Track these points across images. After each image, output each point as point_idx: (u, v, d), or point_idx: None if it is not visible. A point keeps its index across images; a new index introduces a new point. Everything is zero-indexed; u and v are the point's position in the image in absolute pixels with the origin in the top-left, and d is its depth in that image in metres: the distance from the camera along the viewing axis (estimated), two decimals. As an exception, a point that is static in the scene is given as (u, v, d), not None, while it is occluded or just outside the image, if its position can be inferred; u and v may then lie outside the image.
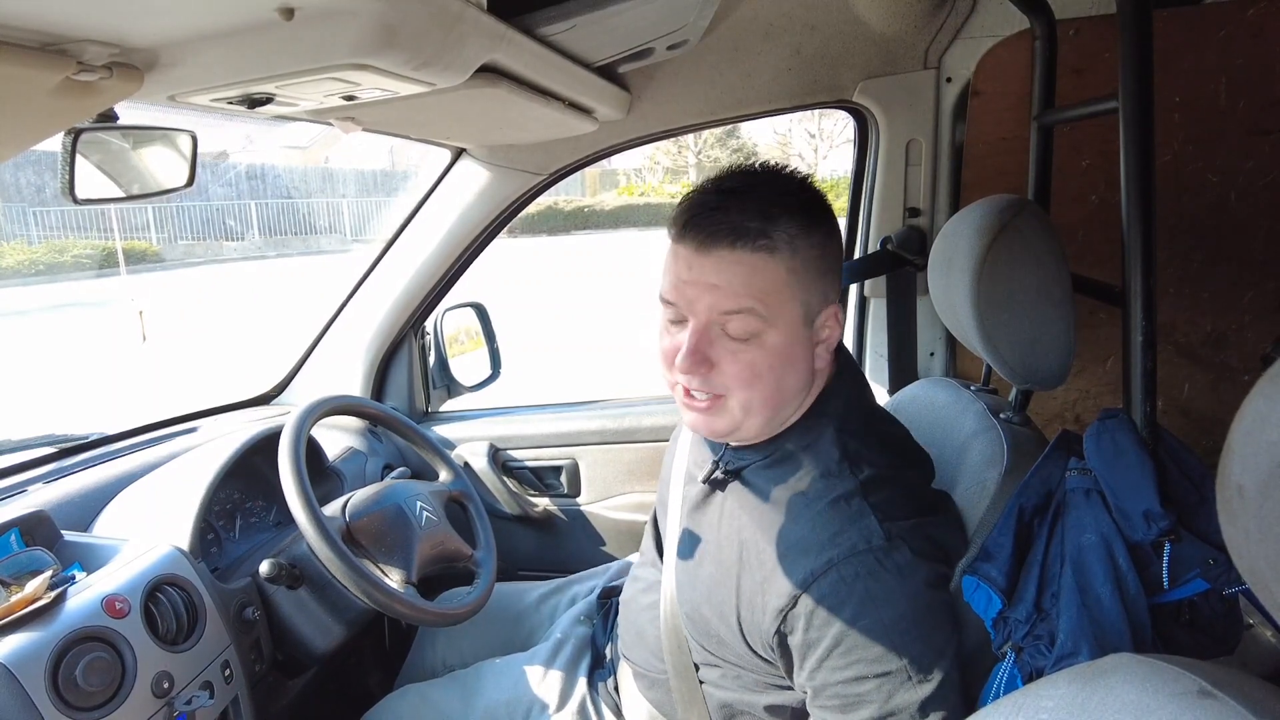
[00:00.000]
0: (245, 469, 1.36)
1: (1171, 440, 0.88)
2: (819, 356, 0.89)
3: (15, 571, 0.99)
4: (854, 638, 0.79)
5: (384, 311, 1.83)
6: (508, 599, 1.51)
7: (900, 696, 0.79)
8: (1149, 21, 0.91)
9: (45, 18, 0.60)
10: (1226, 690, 0.49)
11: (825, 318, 0.88)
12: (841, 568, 0.81)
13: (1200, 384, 1.49)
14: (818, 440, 0.90)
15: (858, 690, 0.80)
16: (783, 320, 0.83)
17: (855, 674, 0.80)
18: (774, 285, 0.82)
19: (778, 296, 0.83)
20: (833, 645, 0.81)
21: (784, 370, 0.85)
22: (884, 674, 0.79)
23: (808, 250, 0.84)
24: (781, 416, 0.90)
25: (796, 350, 0.86)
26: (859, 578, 0.80)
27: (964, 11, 1.43)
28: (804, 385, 0.90)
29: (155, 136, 1.09)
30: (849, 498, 0.84)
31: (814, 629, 0.81)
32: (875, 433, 0.93)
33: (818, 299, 0.86)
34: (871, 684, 0.80)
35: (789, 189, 0.86)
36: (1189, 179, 1.41)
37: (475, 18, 0.88)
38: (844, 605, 0.80)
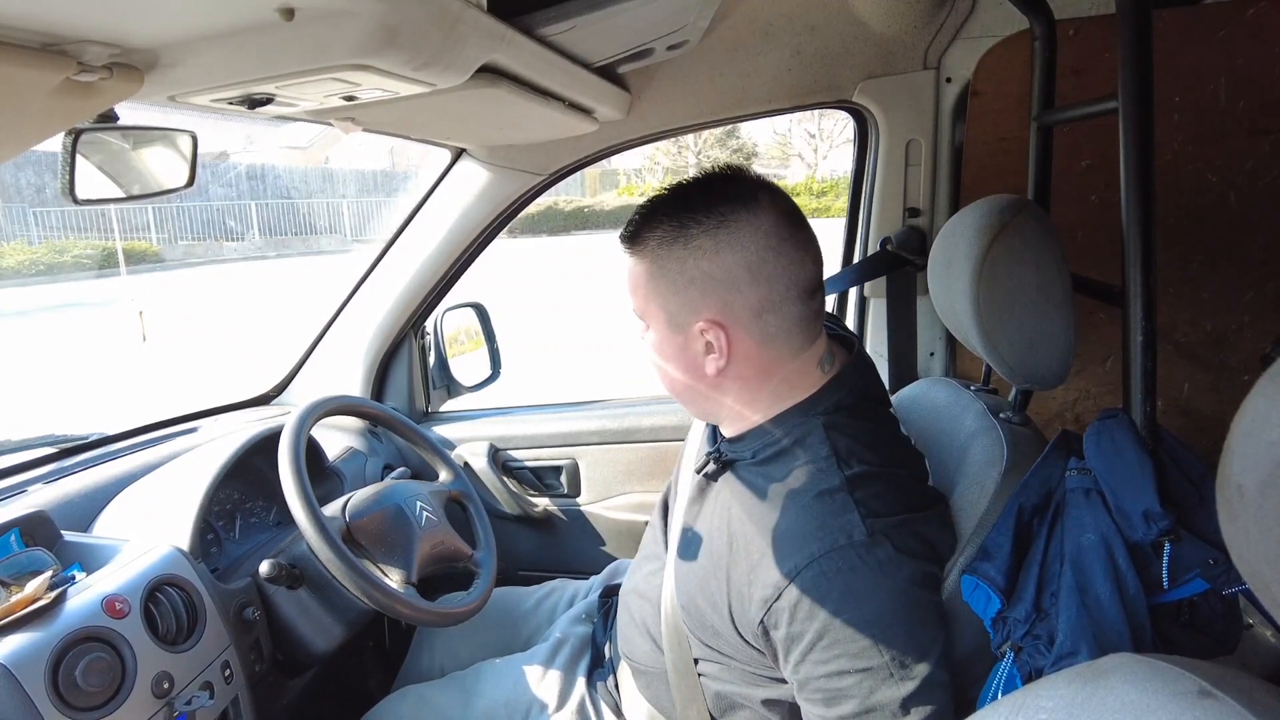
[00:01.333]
0: (245, 469, 1.37)
1: (1171, 440, 0.88)
2: (709, 364, 0.90)
3: (15, 572, 0.99)
4: (835, 632, 0.80)
5: (384, 312, 1.83)
6: (506, 601, 1.51)
7: (882, 692, 0.79)
8: (1148, 21, 0.91)
9: (45, 18, 0.60)
10: (1227, 690, 0.49)
11: (698, 330, 0.88)
12: (823, 562, 0.81)
13: (1200, 384, 1.49)
14: (808, 435, 0.91)
15: (839, 685, 0.81)
16: (651, 319, 0.93)
17: (837, 668, 0.81)
18: (635, 288, 0.92)
19: (639, 296, 0.92)
20: (815, 639, 0.81)
21: (665, 360, 0.94)
22: (865, 669, 0.80)
23: (673, 260, 0.88)
24: (699, 405, 0.97)
25: (668, 350, 0.92)
26: (840, 572, 0.81)
27: (963, 12, 1.43)
28: (698, 384, 0.93)
29: (155, 137, 1.09)
30: (834, 492, 0.85)
31: (797, 623, 0.82)
32: (868, 431, 0.92)
33: (681, 309, 0.89)
34: (853, 679, 0.80)
35: (684, 192, 0.90)
36: (1189, 179, 1.41)
37: (475, 18, 0.88)
38: (826, 600, 0.81)
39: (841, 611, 0.80)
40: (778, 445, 0.92)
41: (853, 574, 0.81)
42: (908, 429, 1.27)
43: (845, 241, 1.74)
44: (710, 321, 0.87)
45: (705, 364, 0.90)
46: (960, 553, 0.93)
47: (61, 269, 14.73)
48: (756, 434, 0.95)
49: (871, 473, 0.87)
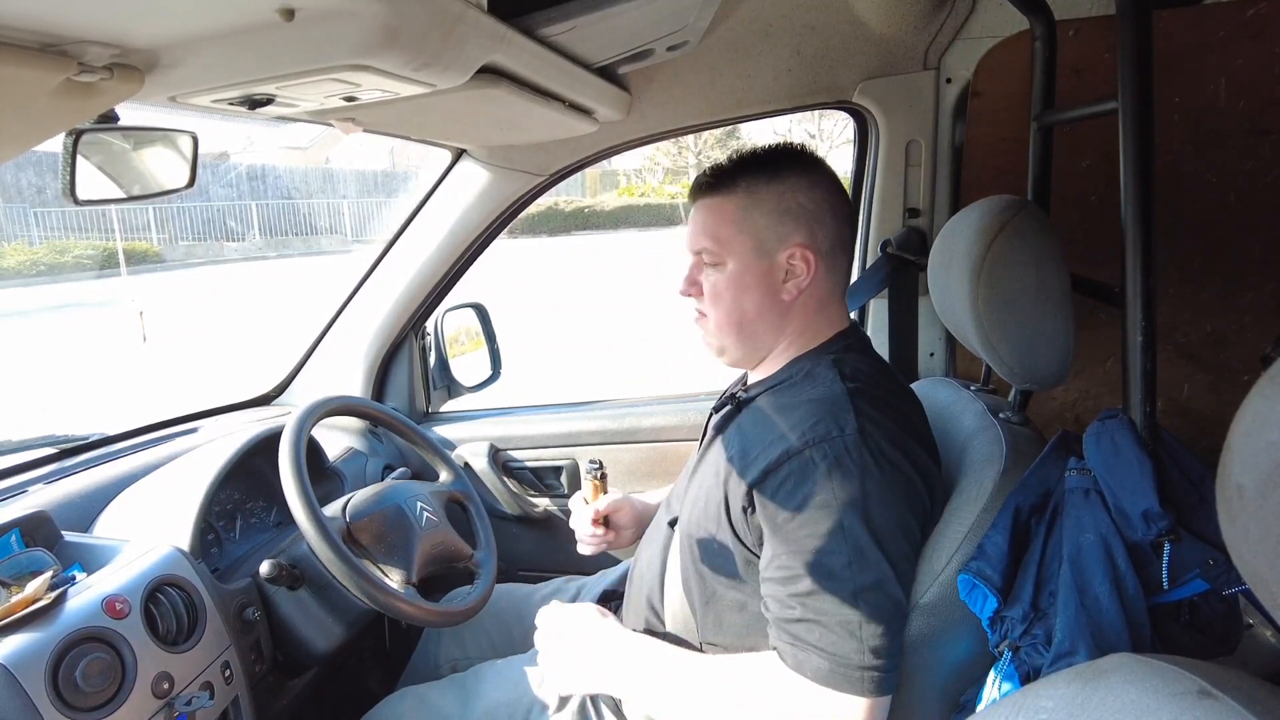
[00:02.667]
0: (246, 469, 1.37)
1: (1171, 440, 0.88)
2: (786, 290, 1.02)
3: (15, 572, 0.99)
4: (809, 513, 0.87)
5: (384, 312, 1.83)
6: (512, 598, 1.51)
7: (835, 579, 0.85)
8: (1149, 22, 0.91)
9: (46, 19, 0.60)
10: (1226, 690, 0.49)
11: (787, 255, 1.00)
12: (815, 449, 0.89)
13: (1200, 384, 1.49)
14: (817, 367, 1.00)
15: (798, 564, 0.87)
16: (734, 251, 1.01)
17: (799, 547, 0.87)
18: (723, 222, 1.02)
19: (726, 231, 1.01)
20: (790, 516, 0.88)
21: (740, 292, 1.02)
22: (826, 551, 0.86)
23: (765, 192, 1.00)
24: (753, 339, 1.05)
25: (749, 278, 1.01)
26: (825, 459, 0.88)
27: (963, 12, 1.43)
28: (767, 313, 1.03)
29: (156, 137, 1.09)
30: (835, 397, 0.93)
31: (780, 497, 0.90)
32: (871, 367, 1.01)
33: (772, 235, 1.00)
34: (813, 558, 0.87)
35: (757, 153, 1.04)
36: (1189, 180, 1.41)
37: (476, 19, 0.88)
38: (807, 481, 0.88)
39: (817, 494, 0.87)
40: (789, 378, 1.02)
41: (837, 463, 0.87)
42: None
43: (845, 242, 1.74)
44: (800, 245, 1.00)
45: (784, 289, 1.01)
46: (957, 550, 0.93)
47: (62, 269, 14.74)
48: (773, 378, 1.05)
49: (871, 392, 0.95)
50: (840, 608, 0.86)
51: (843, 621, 0.85)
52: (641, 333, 8.47)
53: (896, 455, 0.90)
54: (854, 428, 0.89)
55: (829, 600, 0.86)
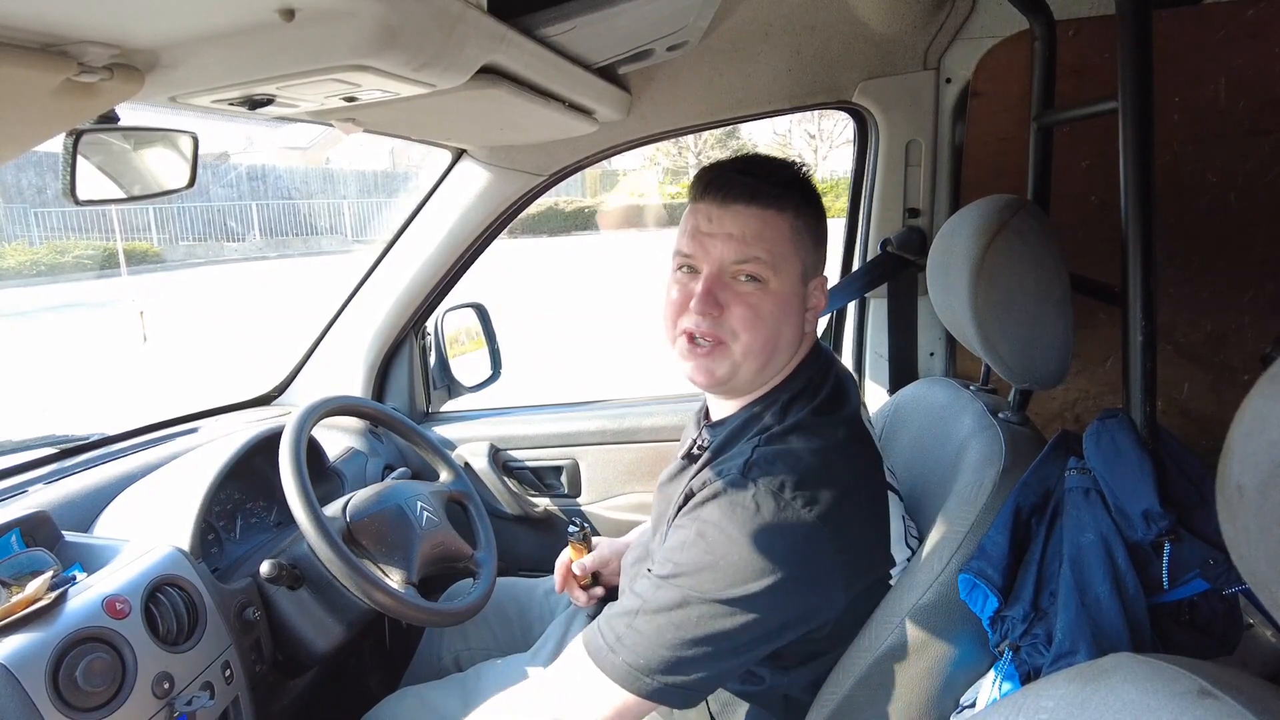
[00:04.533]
0: (246, 469, 1.37)
1: (1171, 440, 0.88)
2: (808, 321, 1.00)
3: (16, 572, 0.99)
4: (675, 530, 0.92)
5: (385, 312, 1.83)
6: (515, 593, 1.52)
7: (662, 574, 0.88)
8: (1148, 22, 0.91)
9: (46, 19, 0.60)
10: (1227, 690, 0.49)
11: (815, 285, 0.99)
12: (709, 485, 0.90)
13: (1200, 384, 1.49)
14: (770, 409, 0.98)
15: (662, 554, 0.91)
16: (784, 272, 0.94)
17: (662, 553, 0.91)
18: (780, 239, 0.94)
19: (782, 249, 0.94)
20: (672, 529, 0.93)
21: (782, 318, 0.95)
22: (667, 561, 0.89)
23: (808, 217, 0.97)
24: (771, 369, 0.99)
25: (793, 304, 0.96)
26: (711, 492, 0.89)
27: (963, 12, 1.43)
28: (794, 341, 0.99)
29: (156, 138, 1.09)
30: (747, 440, 0.94)
31: (676, 522, 0.94)
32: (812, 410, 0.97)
33: (811, 263, 0.98)
34: (662, 555, 0.90)
35: (795, 169, 0.99)
36: (1188, 179, 1.40)
37: (476, 19, 0.88)
38: (691, 506, 0.91)
39: (688, 515, 0.91)
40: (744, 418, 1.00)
41: (713, 496, 0.89)
42: (907, 428, 1.27)
43: (845, 242, 1.74)
44: (822, 276, 1.00)
45: (806, 319, 1.00)
46: (957, 550, 0.93)
47: (63, 269, 14.75)
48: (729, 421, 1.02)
49: (786, 441, 0.92)
50: (643, 590, 0.89)
51: (635, 595, 0.89)
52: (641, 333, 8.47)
53: (775, 503, 0.86)
54: (739, 469, 0.89)
55: (640, 584, 0.90)
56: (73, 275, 14.59)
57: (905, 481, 1.18)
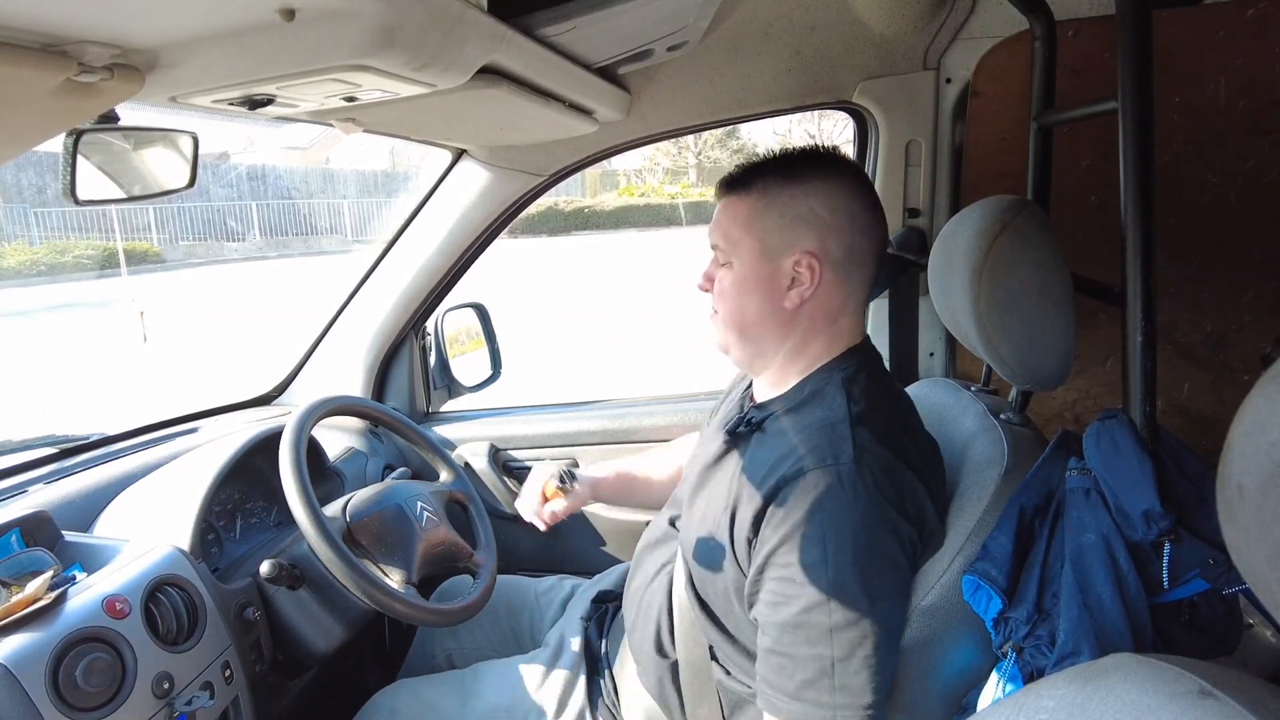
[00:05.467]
0: (246, 469, 1.37)
1: (1171, 440, 0.88)
2: (789, 298, 0.98)
3: (16, 572, 0.99)
4: (796, 540, 0.86)
5: (385, 312, 1.83)
6: (511, 592, 1.52)
7: (815, 611, 0.84)
8: (1148, 22, 0.91)
9: (46, 19, 0.60)
10: (1227, 690, 0.49)
11: (792, 261, 0.97)
12: (809, 476, 0.88)
13: (1200, 384, 1.49)
14: (825, 387, 0.98)
15: (786, 591, 0.86)
16: (740, 252, 1.00)
17: (788, 574, 0.86)
18: (734, 222, 1.00)
19: (736, 232, 1.00)
20: (780, 542, 0.87)
21: (742, 294, 1.00)
22: (808, 582, 0.85)
23: (778, 195, 0.98)
24: (754, 343, 1.02)
25: (751, 281, 1.00)
26: (818, 487, 0.86)
27: (963, 12, 1.43)
28: (768, 318, 1.00)
29: (156, 137, 1.09)
30: (836, 424, 0.92)
31: (773, 525, 0.89)
32: (882, 393, 0.98)
33: (781, 241, 0.98)
34: (796, 588, 0.85)
35: (790, 151, 1.01)
36: (1188, 179, 1.40)
37: (476, 19, 0.88)
38: (799, 507, 0.87)
39: (807, 521, 0.86)
40: (797, 398, 1.00)
41: (828, 492, 0.86)
42: None
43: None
44: (807, 253, 0.97)
45: (787, 296, 0.99)
46: (959, 551, 0.93)
47: (63, 269, 14.73)
48: (784, 398, 1.02)
49: (876, 421, 0.92)
50: (812, 645, 0.85)
51: (814, 656, 0.85)
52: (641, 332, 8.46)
53: (891, 491, 0.87)
54: (849, 457, 0.87)
55: (802, 635, 0.85)
56: (73, 275, 14.58)
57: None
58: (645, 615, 1.13)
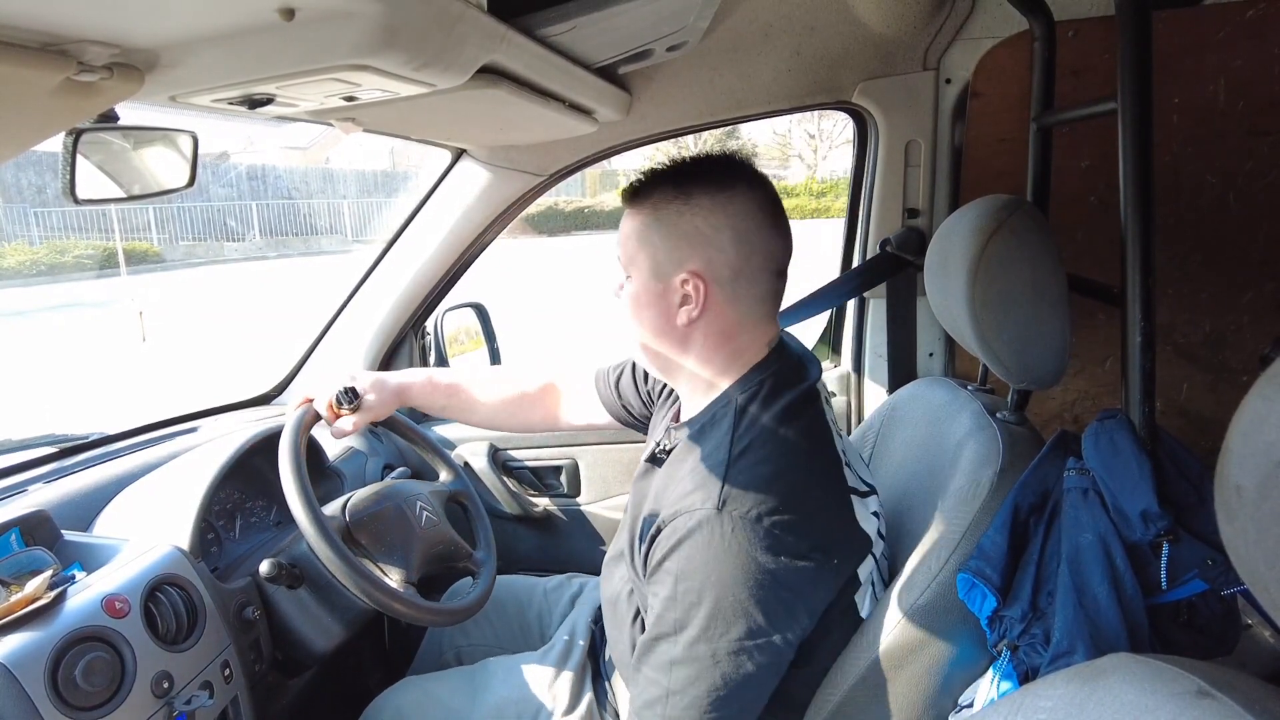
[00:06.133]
0: (245, 469, 1.36)
1: (1170, 440, 0.88)
2: (679, 315, 0.96)
3: (15, 571, 0.99)
4: (660, 573, 0.90)
5: (385, 311, 1.83)
6: (519, 589, 1.52)
7: (661, 644, 0.89)
8: (1148, 23, 0.91)
9: (46, 18, 0.60)
10: (1225, 691, 0.49)
11: (680, 281, 0.95)
12: (680, 518, 0.89)
13: (1198, 385, 1.49)
14: (725, 411, 0.97)
15: (649, 617, 0.92)
16: (634, 268, 0.98)
17: (651, 604, 0.91)
18: (627, 239, 0.99)
19: (630, 246, 0.98)
20: (650, 572, 0.92)
21: (637, 310, 0.99)
22: (660, 615, 0.89)
23: (667, 211, 0.95)
24: (657, 358, 1.02)
25: (643, 298, 0.98)
26: (682, 528, 0.88)
27: (963, 13, 1.43)
28: (664, 335, 0.99)
29: (156, 137, 1.09)
30: (714, 465, 0.91)
31: (654, 559, 0.92)
32: (771, 420, 0.95)
33: (669, 259, 0.95)
34: (654, 616, 0.90)
35: (689, 163, 0.98)
36: (1188, 180, 1.41)
37: (475, 19, 0.88)
38: (670, 543, 0.89)
39: (669, 558, 0.89)
40: (701, 423, 0.99)
41: (688, 535, 0.87)
42: (904, 427, 1.27)
43: (845, 242, 1.74)
44: (692, 273, 0.94)
45: (678, 315, 0.97)
46: (955, 549, 0.93)
47: (63, 269, 14.71)
48: (692, 422, 1.01)
49: (755, 456, 0.91)
50: (655, 670, 0.89)
51: (655, 681, 0.89)
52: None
53: (753, 537, 0.85)
54: (714, 504, 0.86)
55: (651, 659, 0.90)
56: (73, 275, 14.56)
57: (902, 480, 1.18)
58: (620, 629, 1.13)
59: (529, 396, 1.42)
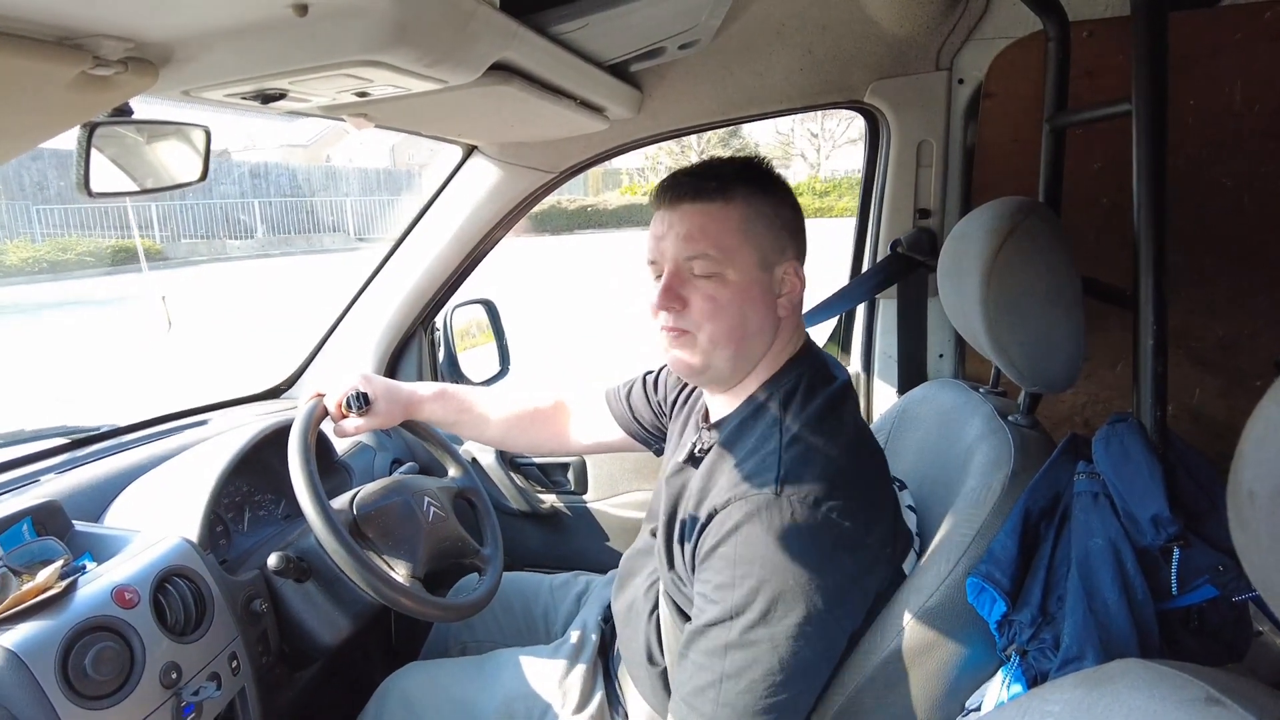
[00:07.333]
0: (254, 462, 1.37)
1: (1182, 445, 0.87)
2: (780, 306, 0.99)
3: (27, 561, 0.99)
4: (715, 560, 0.89)
5: (394, 307, 1.84)
6: (525, 585, 1.53)
7: (714, 629, 0.88)
8: (1164, 23, 0.90)
9: (62, 13, 0.60)
10: (1234, 698, 0.49)
11: (783, 270, 0.98)
12: (733, 505, 0.90)
13: (1211, 389, 1.48)
14: (769, 402, 0.98)
15: (700, 604, 0.91)
16: (738, 261, 0.95)
17: (704, 590, 0.91)
18: (728, 230, 0.95)
19: (732, 240, 0.95)
20: (706, 556, 0.91)
21: (744, 305, 0.96)
22: (715, 601, 0.88)
23: (761, 205, 0.97)
24: (747, 356, 0.99)
25: (754, 290, 0.97)
26: (737, 513, 0.88)
27: (976, 12, 1.42)
28: (766, 327, 0.99)
29: (169, 131, 1.09)
30: (766, 452, 0.92)
31: (707, 540, 0.92)
32: (819, 409, 0.96)
33: (772, 249, 0.97)
34: (706, 602, 0.90)
35: (747, 164, 1.00)
36: (1202, 183, 1.39)
37: (487, 15, 0.88)
38: (723, 530, 0.89)
39: (723, 544, 0.89)
40: (745, 415, 1.00)
41: (745, 519, 0.87)
42: (915, 430, 1.27)
43: (855, 242, 1.73)
44: (793, 260, 0.99)
45: (780, 304, 0.99)
46: (964, 553, 0.93)
47: (65, 266, 14.69)
48: (734, 415, 1.01)
49: (806, 444, 0.92)
50: (709, 656, 0.88)
51: (708, 667, 0.88)
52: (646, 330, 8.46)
53: (812, 520, 0.86)
54: (771, 488, 0.88)
55: (703, 644, 0.89)
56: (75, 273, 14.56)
57: (913, 482, 1.18)
58: (635, 626, 1.13)
59: (540, 415, 1.42)
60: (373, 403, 1.25)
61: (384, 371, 1.90)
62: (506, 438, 1.43)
